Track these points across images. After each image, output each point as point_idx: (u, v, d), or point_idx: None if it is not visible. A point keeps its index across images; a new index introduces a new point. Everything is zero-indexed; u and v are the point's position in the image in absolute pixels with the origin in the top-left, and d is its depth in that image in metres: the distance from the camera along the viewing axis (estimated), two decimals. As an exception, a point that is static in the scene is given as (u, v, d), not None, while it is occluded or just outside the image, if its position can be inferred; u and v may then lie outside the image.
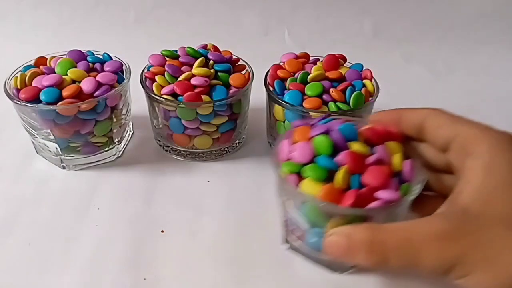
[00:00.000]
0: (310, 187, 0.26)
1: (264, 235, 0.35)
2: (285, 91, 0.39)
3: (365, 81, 0.39)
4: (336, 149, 0.28)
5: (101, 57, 0.42)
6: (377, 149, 0.28)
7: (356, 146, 0.28)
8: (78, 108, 0.37)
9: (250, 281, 0.31)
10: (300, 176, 0.27)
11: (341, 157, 0.27)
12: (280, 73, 0.40)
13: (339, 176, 0.26)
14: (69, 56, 0.40)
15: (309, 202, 0.27)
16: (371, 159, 0.27)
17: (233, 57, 0.43)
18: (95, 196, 0.39)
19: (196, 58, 0.40)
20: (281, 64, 0.42)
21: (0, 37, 0.67)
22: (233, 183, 0.40)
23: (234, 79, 0.40)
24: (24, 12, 0.70)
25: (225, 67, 0.40)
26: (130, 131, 0.47)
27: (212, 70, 0.40)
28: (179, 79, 0.39)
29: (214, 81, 0.39)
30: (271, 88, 0.41)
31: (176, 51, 0.42)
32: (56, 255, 0.33)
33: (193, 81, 0.38)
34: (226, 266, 0.32)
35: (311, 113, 0.37)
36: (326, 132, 0.28)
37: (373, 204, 0.25)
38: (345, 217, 0.26)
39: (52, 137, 0.39)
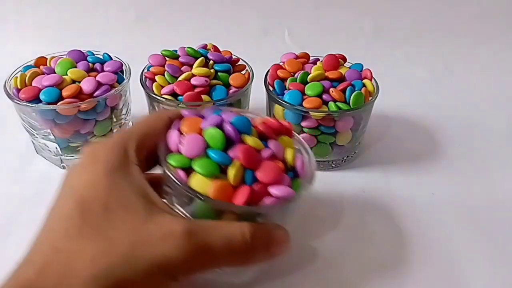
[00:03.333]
0: (200, 183, 0.24)
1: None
2: (285, 91, 0.39)
3: (365, 81, 0.39)
4: (228, 143, 0.26)
5: (101, 57, 0.42)
6: (270, 144, 0.27)
7: (250, 140, 0.26)
8: (78, 108, 0.37)
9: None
10: (189, 171, 0.25)
11: (234, 151, 0.25)
12: (280, 73, 0.40)
13: (232, 171, 0.24)
14: (69, 56, 0.40)
15: (199, 199, 0.24)
16: (265, 154, 0.26)
17: (233, 57, 0.43)
18: (95, 196, 0.39)
19: (196, 58, 0.40)
20: (281, 64, 0.42)
21: (0, 37, 0.67)
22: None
23: (234, 79, 0.40)
24: (24, 12, 0.70)
25: (225, 67, 0.40)
26: (130, 131, 0.46)
27: (212, 70, 0.40)
28: (179, 79, 0.39)
29: (214, 81, 0.39)
30: (271, 88, 0.41)
31: (176, 51, 0.42)
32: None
33: (193, 81, 0.38)
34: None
35: (311, 113, 0.37)
36: (218, 124, 0.26)
37: (267, 201, 0.24)
38: (238, 214, 0.24)
39: (52, 137, 0.39)
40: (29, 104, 0.36)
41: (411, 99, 0.55)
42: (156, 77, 0.39)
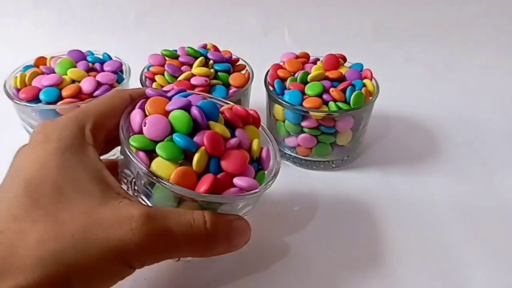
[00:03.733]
0: (163, 167, 0.23)
1: (263, 233, 0.35)
2: (285, 91, 0.39)
3: (365, 81, 0.39)
4: (195, 128, 0.24)
5: (101, 57, 0.42)
6: (237, 132, 0.26)
7: (217, 127, 0.25)
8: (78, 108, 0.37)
9: (254, 279, 0.31)
10: (151, 154, 0.24)
11: (200, 137, 0.24)
12: (280, 73, 0.40)
13: (197, 158, 0.23)
14: (69, 56, 0.40)
15: (160, 184, 0.23)
16: (231, 142, 0.25)
17: (233, 57, 0.43)
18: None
19: (196, 58, 0.40)
20: (281, 64, 0.42)
21: (0, 37, 0.67)
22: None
23: (234, 79, 0.40)
24: (24, 12, 0.70)
25: (225, 67, 0.40)
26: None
27: (212, 70, 0.40)
28: (179, 79, 0.39)
29: (214, 81, 0.39)
30: (271, 88, 0.41)
31: (176, 51, 0.42)
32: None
33: (193, 81, 0.38)
34: (228, 264, 0.32)
35: (311, 113, 0.37)
36: (185, 107, 0.25)
37: (230, 191, 0.24)
38: (199, 202, 0.24)
39: (52, 137, 0.39)
40: (29, 104, 0.36)
41: (411, 99, 0.55)
42: (156, 77, 0.39)
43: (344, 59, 0.42)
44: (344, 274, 0.32)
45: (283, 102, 0.38)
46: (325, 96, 0.38)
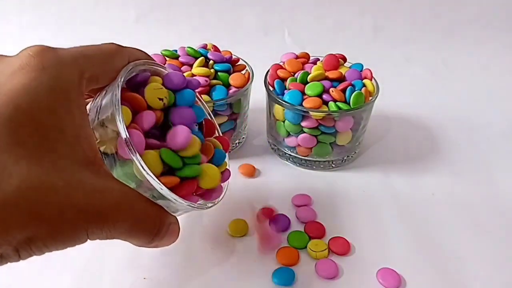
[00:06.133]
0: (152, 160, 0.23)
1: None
2: (285, 91, 0.39)
3: (365, 81, 0.39)
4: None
5: (101, 57, 0.42)
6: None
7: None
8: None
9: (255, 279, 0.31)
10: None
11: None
12: (280, 73, 0.40)
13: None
14: (69, 56, 0.40)
15: (143, 170, 0.22)
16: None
17: (233, 57, 0.43)
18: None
19: (196, 58, 0.40)
20: (281, 64, 0.42)
21: (0, 37, 0.67)
22: (233, 183, 0.40)
23: (234, 79, 0.40)
24: (24, 12, 0.70)
25: (225, 67, 0.40)
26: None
27: (212, 70, 0.40)
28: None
29: (214, 81, 0.39)
30: (271, 88, 0.41)
31: (176, 51, 0.42)
32: (56, 255, 0.33)
33: (193, 81, 0.38)
34: (230, 264, 0.32)
35: (311, 113, 0.37)
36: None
37: (193, 198, 0.26)
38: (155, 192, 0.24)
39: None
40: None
41: (411, 99, 0.55)
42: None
43: (344, 59, 0.42)
44: (344, 274, 0.32)
45: (283, 102, 0.38)
46: (325, 96, 0.38)
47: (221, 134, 0.32)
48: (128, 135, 0.22)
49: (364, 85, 0.39)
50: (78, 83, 0.21)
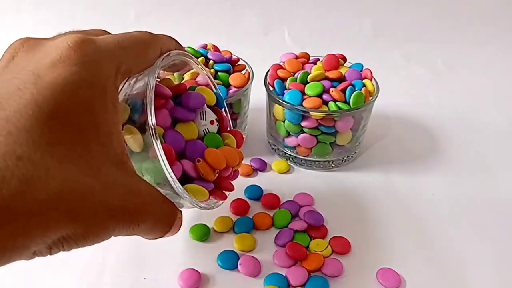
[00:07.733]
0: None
1: (264, 233, 0.35)
2: (285, 91, 0.39)
3: (365, 81, 0.39)
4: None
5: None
6: None
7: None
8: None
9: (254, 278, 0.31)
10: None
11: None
12: (280, 73, 0.40)
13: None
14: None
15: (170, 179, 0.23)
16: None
17: (233, 57, 0.43)
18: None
19: (196, 58, 0.40)
20: (281, 64, 0.42)
21: (0, 37, 0.67)
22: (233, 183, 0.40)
23: (234, 79, 0.40)
24: (24, 12, 0.70)
25: (225, 67, 0.40)
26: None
27: (212, 70, 0.40)
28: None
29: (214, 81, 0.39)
30: (271, 88, 0.41)
31: (176, 51, 0.42)
32: (56, 254, 0.33)
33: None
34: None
35: (311, 113, 0.37)
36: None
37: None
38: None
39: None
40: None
41: (411, 99, 0.55)
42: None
43: (344, 59, 0.42)
44: (344, 274, 0.32)
45: (283, 102, 0.38)
46: (325, 96, 0.38)
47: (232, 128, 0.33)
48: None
49: (364, 85, 0.38)
50: (114, 78, 0.21)
